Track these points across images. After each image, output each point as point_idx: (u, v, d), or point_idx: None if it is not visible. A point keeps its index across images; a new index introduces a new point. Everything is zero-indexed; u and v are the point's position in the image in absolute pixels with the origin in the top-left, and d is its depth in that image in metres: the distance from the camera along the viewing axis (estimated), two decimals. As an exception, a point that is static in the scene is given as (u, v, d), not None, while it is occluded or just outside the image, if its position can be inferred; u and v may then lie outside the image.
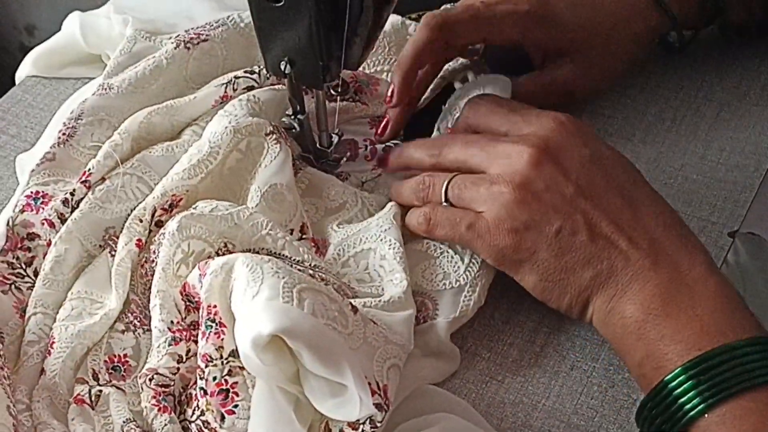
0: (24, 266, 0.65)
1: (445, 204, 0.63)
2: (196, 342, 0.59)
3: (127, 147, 0.70)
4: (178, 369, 0.59)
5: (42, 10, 1.65)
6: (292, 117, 0.69)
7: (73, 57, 0.83)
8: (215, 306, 0.58)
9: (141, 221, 0.65)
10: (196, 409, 0.57)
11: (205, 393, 0.56)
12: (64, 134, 0.71)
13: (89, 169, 0.68)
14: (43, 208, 0.67)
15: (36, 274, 0.65)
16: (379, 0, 0.61)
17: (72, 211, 0.67)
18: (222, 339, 0.57)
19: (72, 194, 0.67)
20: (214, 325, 0.57)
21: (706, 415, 0.52)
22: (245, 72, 0.73)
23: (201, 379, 0.57)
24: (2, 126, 0.81)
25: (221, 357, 0.57)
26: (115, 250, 0.65)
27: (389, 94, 0.71)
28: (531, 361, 0.63)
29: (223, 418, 0.55)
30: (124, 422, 0.57)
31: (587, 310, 0.60)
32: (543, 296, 0.61)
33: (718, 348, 0.54)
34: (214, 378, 0.56)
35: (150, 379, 0.58)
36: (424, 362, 0.62)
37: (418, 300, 0.64)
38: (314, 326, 0.54)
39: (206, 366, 0.56)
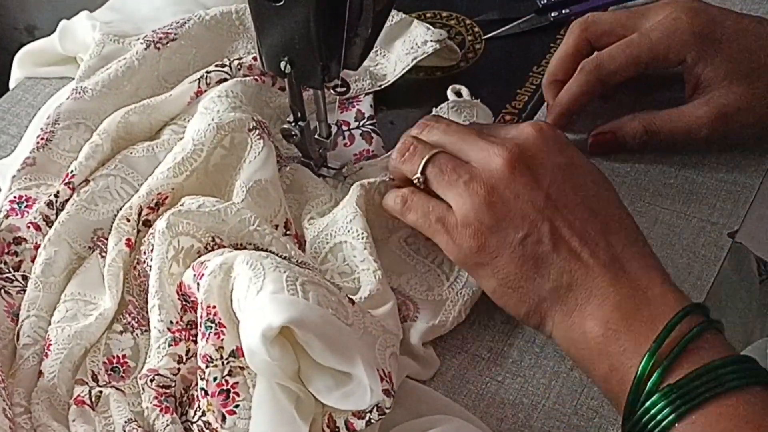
0: (12, 270, 0.68)
1: (419, 176, 0.66)
2: (195, 342, 0.62)
3: (107, 147, 0.72)
4: (179, 370, 0.61)
5: (42, 10, 1.67)
6: (293, 124, 0.72)
7: (54, 58, 0.86)
8: (214, 306, 0.60)
9: (128, 221, 0.68)
10: (198, 409, 0.59)
11: (206, 393, 0.58)
12: (42, 139, 0.73)
13: (72, 171, 0.71)
14: (27, 212, 0.70)
15: (25, 278, 0.68)
16: (379, -1, 0.64)
17: (57, 213, 0.69)
18: (222, 339, 0.59)
19: (56, 196, 0.70)
20: (213, 325, 0.59)
21: (676, 425, 0.55)
22: (216, 66, 0.76)
23: (202, 379, 0.59)
24: (2, 126, 0.83)
25: (221, 357, 0.59)
26: (105, 251, 0.68)
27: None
28: (531, 362, 0.65)
29: (224, 418, 0.57)
30: (125, 423, 0.59)
31: (545, 324, 0.62)
32: (501, 302, 0.64)
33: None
34: (215, 378, 0.58)
35: (151, 380, 0.60)
36: (403, 360, 0.64)
37: (401, 299, 0.67)
38: (322, 316, 0.56)
39: (206, 367, 0.58)
